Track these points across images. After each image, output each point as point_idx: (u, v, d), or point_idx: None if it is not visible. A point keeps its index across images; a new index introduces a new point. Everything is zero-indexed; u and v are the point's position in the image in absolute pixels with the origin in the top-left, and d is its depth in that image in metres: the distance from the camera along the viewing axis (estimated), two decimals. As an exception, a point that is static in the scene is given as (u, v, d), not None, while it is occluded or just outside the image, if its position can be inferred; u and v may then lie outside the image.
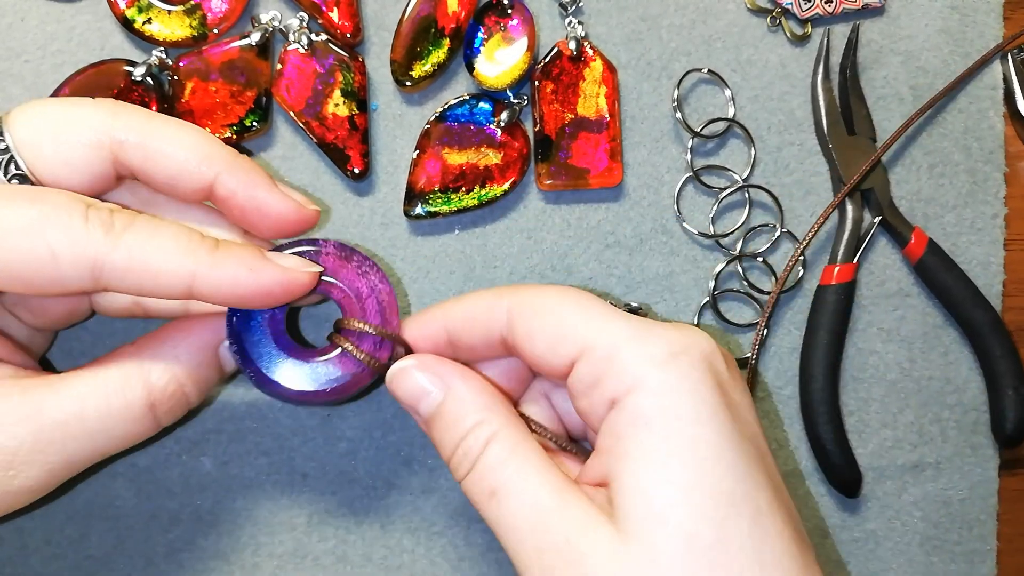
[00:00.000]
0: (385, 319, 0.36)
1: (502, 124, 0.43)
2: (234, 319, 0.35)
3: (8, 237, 0.29)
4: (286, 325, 0.36)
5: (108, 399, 0.32)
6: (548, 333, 0.32)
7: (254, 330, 0.35)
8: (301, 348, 0.36)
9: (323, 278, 0.36)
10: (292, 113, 0.42)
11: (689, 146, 0.45)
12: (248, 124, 0.42)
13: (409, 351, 0.35)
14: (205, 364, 0.35)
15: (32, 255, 0.29)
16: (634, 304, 0.44)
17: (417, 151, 0.43)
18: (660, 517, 0.27)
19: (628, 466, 0.29)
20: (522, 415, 0.34)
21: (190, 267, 0.31)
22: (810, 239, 0.42)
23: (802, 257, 0.46)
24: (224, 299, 0.32)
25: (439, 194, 0.43)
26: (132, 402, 0.32)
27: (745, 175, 0.46)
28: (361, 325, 0.35)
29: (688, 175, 0.45)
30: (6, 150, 0.31)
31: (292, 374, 0.35)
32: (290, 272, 0.33)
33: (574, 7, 0.45)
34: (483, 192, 0.43)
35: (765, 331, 0.45)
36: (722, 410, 0.29)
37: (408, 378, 0.34)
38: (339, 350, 0.35)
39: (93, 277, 0.30)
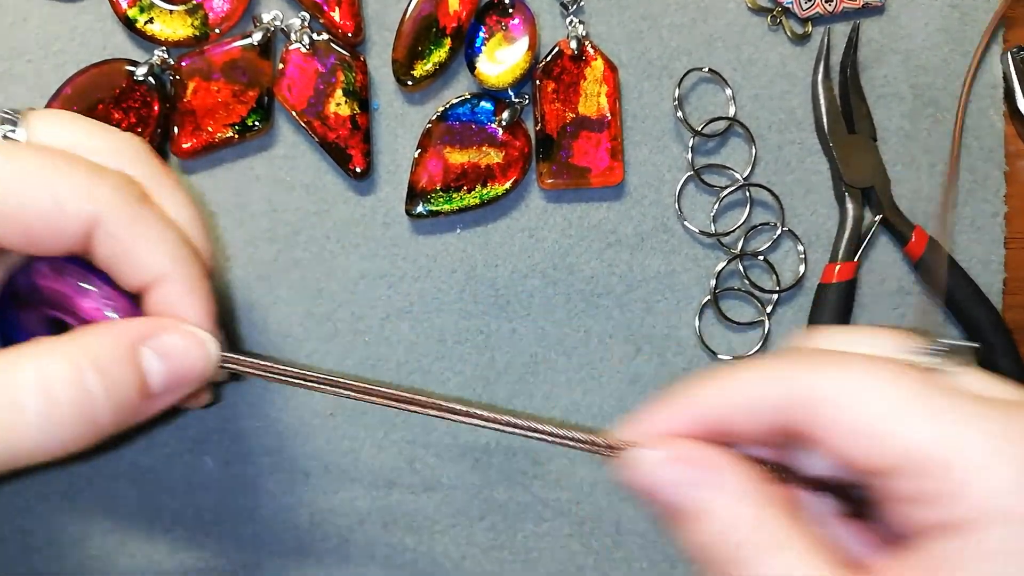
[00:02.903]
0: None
1: (503, 123, 0.43)
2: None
3: None
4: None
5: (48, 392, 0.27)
6: (863, 432, 0.25)
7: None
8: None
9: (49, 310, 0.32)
10: (294, 112, 0.42)
11: (690, 145, 0.45)
12: (250, 124, 0.42)
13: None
14: (119, 361, 0.29)
15: None
16: (955, 343, 0.29)
17: (419, 150, 0.43)
18: None
19: None
20: (808, 479, 0.29)
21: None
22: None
23: (803, 256, 0.46)
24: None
25: (441, 193, 0.43)
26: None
27: (746, 174, 0.46)
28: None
29: (689, 174, 0.45)
30: None
31: None
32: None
33: (575, 6, 0.45)
34: (484, 191, 0.43)
35: (768, 328, 0.45)
36: None
37: (661, 471, 0.27)
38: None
39: None
